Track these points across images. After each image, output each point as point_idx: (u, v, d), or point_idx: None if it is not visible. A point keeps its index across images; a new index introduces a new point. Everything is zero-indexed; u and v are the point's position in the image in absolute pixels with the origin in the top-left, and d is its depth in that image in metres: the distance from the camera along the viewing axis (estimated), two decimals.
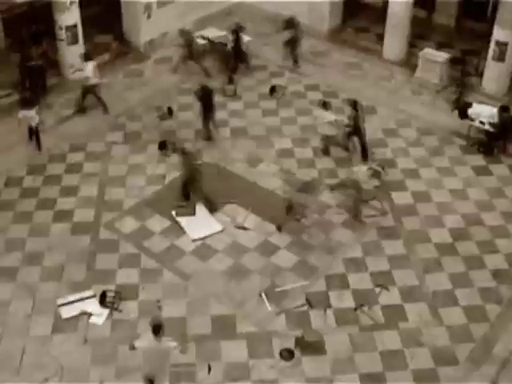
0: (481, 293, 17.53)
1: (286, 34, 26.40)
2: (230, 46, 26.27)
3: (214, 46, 27.00)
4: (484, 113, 22.25)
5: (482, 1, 27.32)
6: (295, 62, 26.65)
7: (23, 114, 21.46)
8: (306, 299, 17.27)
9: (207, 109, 22.29)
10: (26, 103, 21.83)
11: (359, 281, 17.84)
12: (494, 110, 22.18)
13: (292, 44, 26.41)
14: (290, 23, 26.04)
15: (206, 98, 22.28)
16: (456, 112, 22.98)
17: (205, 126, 22.52)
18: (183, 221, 19.47)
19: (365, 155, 21.60)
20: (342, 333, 16.47)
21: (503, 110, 21.99)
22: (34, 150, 21.95)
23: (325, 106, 22.42)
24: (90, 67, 23.10)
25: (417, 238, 19.17)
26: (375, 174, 19.37)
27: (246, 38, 27.43)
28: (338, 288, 17.65)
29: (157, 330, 13.99)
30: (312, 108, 24.03)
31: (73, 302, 17.01)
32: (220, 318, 16.79)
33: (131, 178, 21.09)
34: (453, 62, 25.57)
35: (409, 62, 26.58)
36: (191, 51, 25.87)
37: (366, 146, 21.79)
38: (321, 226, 19.44)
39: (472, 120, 22.45)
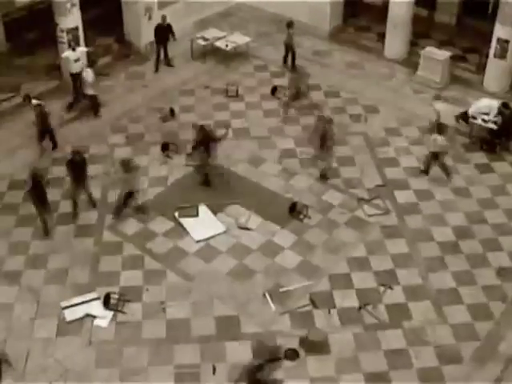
0: (485, 291, 17.52)
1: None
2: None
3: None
4: (483, 107, 22.33)
5: None
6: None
7: None
8: (310, 299, 17.27)
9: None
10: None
11: (363, 280, 17.84)
12: (493, 102, 22.24)
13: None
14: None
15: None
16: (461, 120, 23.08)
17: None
18: (186, 222, 19.47)
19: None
20: (346, 332, 16.47)
21: (504, 107, 22.00)
22: (44, 150, 22.08)
23: None
24: (90, 74, 23.24)
25: (420, 236, 19.17)
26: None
27: (246, 39, 27.49)
28: (342, 287, 17.65)
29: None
30: None
31: (77, 304, 17.02)
32: (224, 319, 16.80)
33: None
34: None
35: (410, 61, 26.58)
36: None
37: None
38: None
39: (474, 118, 22.45)
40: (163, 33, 26.07)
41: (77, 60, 23.59)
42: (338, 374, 15.54)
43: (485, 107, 22.51)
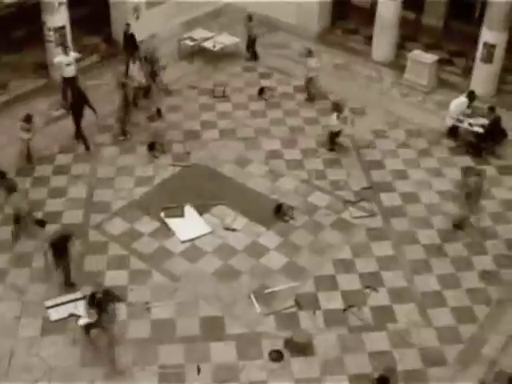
0: (469, 294, 17.59)
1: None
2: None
3: None
4: (454, 106, 22.64)
5: (470, 2, 27.38)
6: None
7: None
8: (295, 300, 17.29)
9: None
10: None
11: (348, 282, 17.87)
12: (462, 99, 22.46)
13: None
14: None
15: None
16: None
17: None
18: (172, 222, 19.46)
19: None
20: (331, 334, 16.49)
21: (490, 110, 22.12)
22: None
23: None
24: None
25: (405, 239, 19.22)
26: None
27: (234, 40, 27.51)
28: (327, 289, 17.67)
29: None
30: None
31: (61, 303, 16.99)
32: (209, 320, 16.80)
33: (120, 179, 21.05)
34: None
35: (397, 64, 26.65)
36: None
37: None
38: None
39: (460, 122, 22.54)
40: (128, 42, 25.70)
41: (69, 64, 23.45)
42: (323, 375, 15.57)
43: (458, 106, 22.71)
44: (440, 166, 21.80)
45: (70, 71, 23.59)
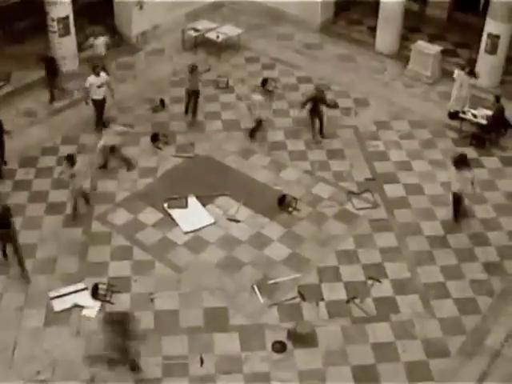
0: (472, 285, 17.58)
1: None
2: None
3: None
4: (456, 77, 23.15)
5: None
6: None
7: None
8: (299, 291, 17.30)
9: None
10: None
11: (351, 273, 17.88)
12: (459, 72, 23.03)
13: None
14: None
15: None
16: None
17: None
18: (175, 213, 19.47)
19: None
20: (334, 325, 16.50)
21: (496, 99, 22.08)
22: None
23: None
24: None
25: (409, 230, 19.21)
26: None
27: (237, 31, 27.46)
28: (330, 280, 17.68)
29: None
30: None
31: (65, 294, 17.02)
32: (212, 311, 16.82)
33: (124, 170, 21.05)
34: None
35: (401, 55, 26.59)
36: None
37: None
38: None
39: (464, 113, 22.51)
40: (48, 65, 23.86)
41: (100, 86, 22.10)
42: (326, 366, 15.58)
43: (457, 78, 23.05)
44: (443, 158, 21.75)
45: (100, 93, 22.28)
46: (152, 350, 15.82)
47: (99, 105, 22.48)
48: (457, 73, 22.94)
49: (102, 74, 22.27)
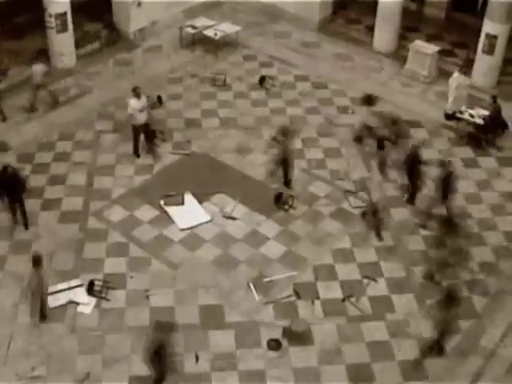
0: (468, 285, 17.59)
1: None
2: None
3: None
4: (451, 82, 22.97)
5: None
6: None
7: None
8: (294, 290, 17.31)
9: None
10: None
11: (347, 272, 17.89)
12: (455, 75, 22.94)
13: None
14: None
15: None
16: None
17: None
18: (171, 210, 19.46)
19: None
20: (329, 323, 16.52)
21: (493, 100, 22.09)
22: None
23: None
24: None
25: (405, 229, 19.22)
26: None
27: (235, 28, 27.44)
28: (326, 279, 17.69)
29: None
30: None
31: (60, 291, 17.00)
32: (208, 308, 16.83)
33: (120, 167, 21.05)
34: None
35: (399, 54, 26.59)
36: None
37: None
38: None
39: (461, 113, 22.53)
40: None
41: (142, 110, 20.80)
42: (321, 364, 15.60)
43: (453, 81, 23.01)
44: (441, 157, 21.74)
45: (142, 117, 20.97)
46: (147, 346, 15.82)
47: (142, 131, 21.28)
48: (455, 75, 22.89)
49: (143, 97, 20.98)
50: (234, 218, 19.31)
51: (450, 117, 23.06)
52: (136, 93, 20.74)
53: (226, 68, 26.05)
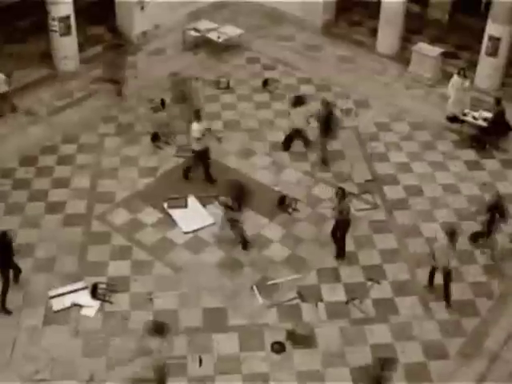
0: (472, 287, 17.57)
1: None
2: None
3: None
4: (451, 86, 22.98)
5: None
6: None
7: None
8: (298, 292, 17.30)
9: None
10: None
11: (351, 274, 17.87)
12: (455, 78, 22.82)
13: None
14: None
15: None
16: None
17: None
18: (175, 213, 19.46)
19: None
20: (333, 326, 16.49)
21: (497, 102, 22.08)
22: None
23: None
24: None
25: (408, 232, 19.21)
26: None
27: (238, 31, 27.45)
28: (330, 281, 17.68)
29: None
30: None
31: (64, 293, 17.01)
32: (211, 311, 16.82)
33: (123, 170, 21.05)
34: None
35: (402, 57, 26.57)
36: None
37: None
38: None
39: (464, 115, 22.51)
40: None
41: (203, 134, 20.03)
42: (325, 367, 15.58)
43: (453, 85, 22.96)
44: (444, 160, 21.77)
45: (202, 143, 20.17)
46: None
47: (203, 157, 20.43)
48: (454, 78, 22.85)
49: (204, 121, 20.27)
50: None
51: (452, 119, 23.05)
52: (197, 116, 20.00)
53: (229, 71, 26.06)
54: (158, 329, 14.58)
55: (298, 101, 21.21)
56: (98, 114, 23.40)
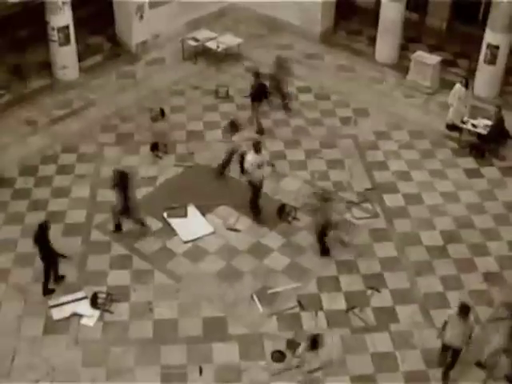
0: (472, 295, 17.56)
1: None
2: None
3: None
4: (453, 95, 22.98)
5: (474, 3, 27.35)
6: None
7: None
8: (298, 301, 17.30)
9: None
10: None
11: (351, 283, 17.87)
12: (457, 86, 22.84)
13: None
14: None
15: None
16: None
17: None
18: (175, 222, 19.46)
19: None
20: (333, 335, 16.47)
21: (497, 109, 22.12)
22: None
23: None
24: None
25: (408, 240, 19.22)
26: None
27: (237, 40, 27.49)
28: (330, 290, 17.68)
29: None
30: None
31: (64, 303, 17.01)
32: (211, 320, 16.81)
33: None
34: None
35: (401, 65, 26.61)
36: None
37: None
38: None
39: (464, 123, 22.54)
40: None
41: (261, 165, 19.23)
42: (325, 376, 15.56)
43: (455, 93, 23.00)
44: (443, 168, 21.79)
45: (260, 174, 19.34)
46: (151, 359, 15.82)
47: (258, 189, 19.72)
48: (456, 87, 22.88)
49: (263, 151, 19.57)
50: (237, 230, 19.30)
51: (452, 128, 23.08)
52: (257, 148, 19.14)
53: (228, 80, 26.08)
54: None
55: (233, 126, 20.75)
56: (97, 124, 23.41)
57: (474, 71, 24.87)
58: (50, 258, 17.33)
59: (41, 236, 16.99)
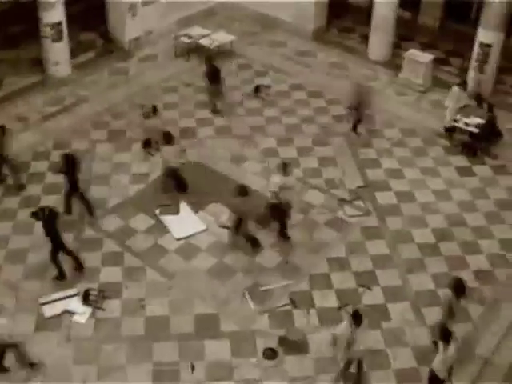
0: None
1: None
2: None
3: None
4: (450, 98, 22.82)
5: (466, 2, 27.39)
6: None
7: None
8: (290, 298, 17.30)
9: None
10: None
11: (343, 280, 17.88)
12: (455, 89, 22.73)
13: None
14: None
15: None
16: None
17: None
18: (167, 219, 19.45)
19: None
20: (325, 332, 16.48)
21: (489, 107, 22.15)
22: None
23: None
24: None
25: (400, 238, 19.24)
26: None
27: (230, 37, 27.47)
28: (322, 287, 17.69)
29: None
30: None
31: (56, 300, 16.98)
32: (203, 317, 16.81)
33: (115, 176, 21.03)
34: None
35: (393, 63, 26.64)
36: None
37: None
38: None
39: (456, 121, 22.57)
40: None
41: (285, 188, 18.37)
42: (317, 373, 15.58)
43: (452, 96, 22.87)
44: (435, 166, 21.82)
45: (283, 196, 18.42)
46: (142, 356, 15.81)
47: (278, 212, 18.88)
48: (455, 90, 22.81)
49: (291, 174, 19.04)
50: (229, 227, 19.28)
51: (449, 130, 23.04)
52: (285, 169, 18.43)
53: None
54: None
55: (168, 138, 20.32)
56: (89, 120, 23.37)
57: (466, 70, 24.90)
58: (60, 245, 17.45)
59: (50, 221, 17.12)
